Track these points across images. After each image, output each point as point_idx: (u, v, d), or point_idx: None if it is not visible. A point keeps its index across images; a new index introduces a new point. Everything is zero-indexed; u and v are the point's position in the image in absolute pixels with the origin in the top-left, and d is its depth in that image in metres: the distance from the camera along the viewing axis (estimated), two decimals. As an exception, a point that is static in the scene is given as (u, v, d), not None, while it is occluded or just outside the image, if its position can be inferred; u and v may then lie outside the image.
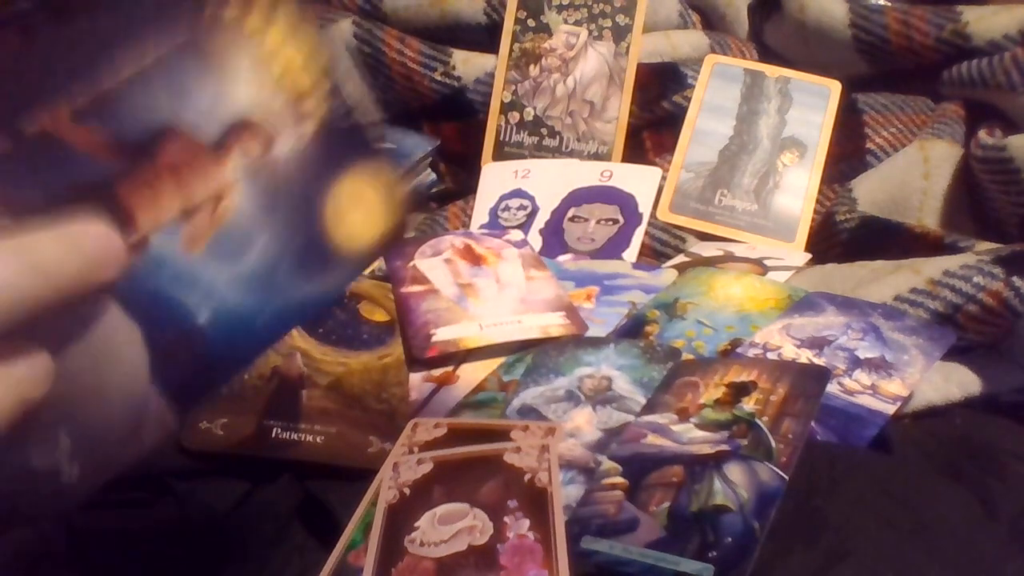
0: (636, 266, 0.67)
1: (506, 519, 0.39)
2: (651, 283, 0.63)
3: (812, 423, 0.44)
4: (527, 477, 0.41)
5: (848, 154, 0.75)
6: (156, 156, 0.26)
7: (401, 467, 0.44)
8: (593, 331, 0.57)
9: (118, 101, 0.25)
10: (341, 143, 0.30)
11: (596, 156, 0.79)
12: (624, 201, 0.74)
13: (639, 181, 0.75)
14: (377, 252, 0.31)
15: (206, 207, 0.27)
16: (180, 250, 0.26)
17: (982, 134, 0.67)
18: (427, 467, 0.44)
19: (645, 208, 0.73)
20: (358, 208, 0.30)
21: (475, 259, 0.64)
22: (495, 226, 0.74)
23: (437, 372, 0.54)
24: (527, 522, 0.39)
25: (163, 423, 0.27)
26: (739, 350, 0.53)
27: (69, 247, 0.23)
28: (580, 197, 0.75)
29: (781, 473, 0.40)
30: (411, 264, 0.63)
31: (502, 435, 0.45)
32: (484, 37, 0.83)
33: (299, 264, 0.29)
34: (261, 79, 0.28)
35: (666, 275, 0.64)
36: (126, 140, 0.25)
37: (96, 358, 0.24)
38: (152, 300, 0.26)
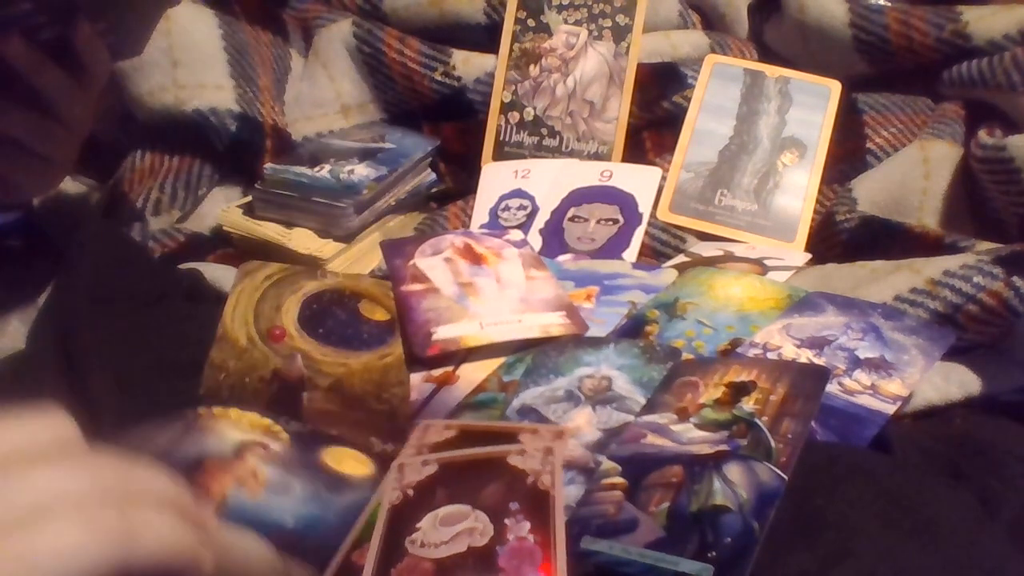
0: (636, 266, 0.67)
1: (507, 521, 0.39)
2: (651, 283, 0.63)
3: (812, 423, 0.44)
4: (530, 480, 0.41)
5: (848, 154, 0.75)
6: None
7: (407, 468, 0.44)
8: (593, 331, 0.57)
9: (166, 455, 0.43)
10: (304, 446, 0.47)
11: (596, 156, 0.79)
12: (624, 201, 0.74)
13: (639, 181, 0.75)
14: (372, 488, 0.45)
15: (249, 478, 0.43)
16: (248, 497, 0.42)
17: (982, 134, 0.67)
18: (432, 469, 0.44)
19: (645, 208, 0.73)
20: (345, 462, 0.46)
21: (475, 258, 0.64)
22: (495, 226, 0.74)
23: (437, 372, 0.54)
24: (528, 524, 0.39)
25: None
26: (739, 350, 0.53)
27: None
28: (580, 197, 0.75)
29: (780, 473, 0.40)
30: (411, 263, 0.63)
31: (511, 438, 0.45)
32: (484, 37, 0.83)
33: (328, 489, 0.44)
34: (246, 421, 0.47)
35: (666, 275, 0.64)
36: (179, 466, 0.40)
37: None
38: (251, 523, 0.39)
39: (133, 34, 0.62)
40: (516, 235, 0.69)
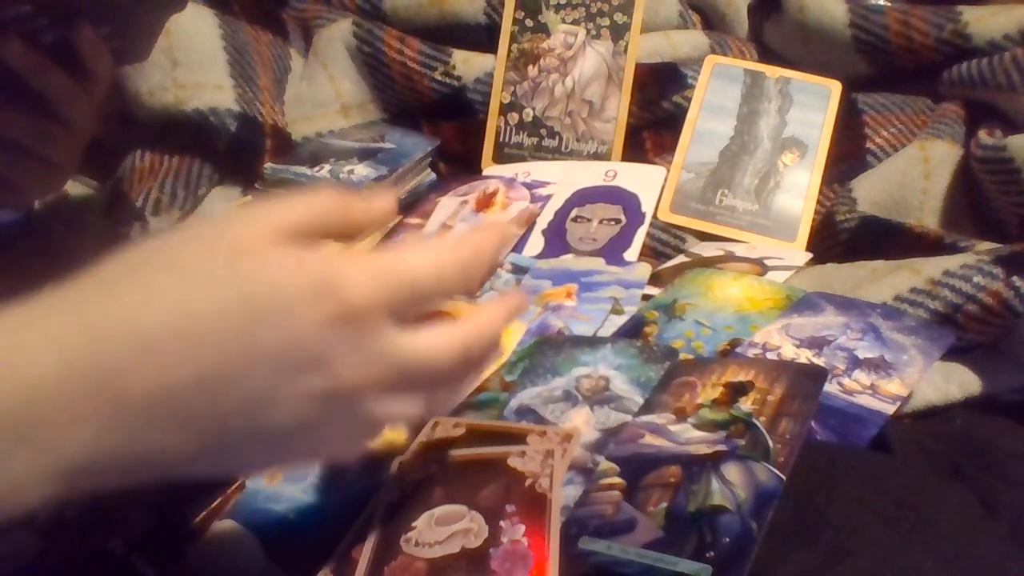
0: (608, 261, 0.67)
1: (502, 523, 0.39)
2: (627, 277, 0.63)
3: (812, 423, 0.44)
4: (528, 482, 0.41)
5: (848, 154, 0.75)
6: None
7: (407, 465, 0.44)
8: (582, 328, 0.57)
9: None
10: None
11: (596, 156, 0.79)
12: (627, 201, 0.74)
13: (643, 180, 0.75)
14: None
15: None
16: (264, 483, 0.46)
17: (982, 134, 0.67)
18: (432, 467, 0.44)
19: (648, 207, 0.73)
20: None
21: (485, 204, 0.64)
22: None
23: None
24: (522, 527, 0.38)
25: None
26: (739, 350, 0.53)
27: None
28: (583, 197, 0.75)
29: (778, 473, 0.40)
30: (441, 198, 0.63)
31: (519, 438, 0.45)
32: (484, 37, 0.83)
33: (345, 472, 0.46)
34: None
35: (640, 269, 0.64)
36: None
37: (222, 554, 0.42)
38: (254, 513, 0.44)
39: (137, 39, 0.62)
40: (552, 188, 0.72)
